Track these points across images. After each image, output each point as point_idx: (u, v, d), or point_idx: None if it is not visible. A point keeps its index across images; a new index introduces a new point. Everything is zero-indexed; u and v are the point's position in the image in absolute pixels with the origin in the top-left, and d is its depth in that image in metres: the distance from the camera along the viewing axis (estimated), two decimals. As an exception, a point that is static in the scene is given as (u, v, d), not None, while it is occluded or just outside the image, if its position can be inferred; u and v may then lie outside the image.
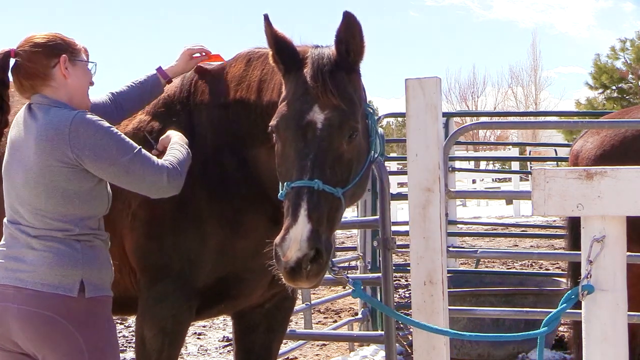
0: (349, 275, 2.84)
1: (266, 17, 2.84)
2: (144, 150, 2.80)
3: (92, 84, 2.99)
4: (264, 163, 3.04)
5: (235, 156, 3.16)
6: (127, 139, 2.80)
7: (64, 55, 2.87)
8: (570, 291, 2.28)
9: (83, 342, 2.70)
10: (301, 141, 2.68)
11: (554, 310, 2.33)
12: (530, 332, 2.46)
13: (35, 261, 2.72)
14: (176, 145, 2.96)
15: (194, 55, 3.45)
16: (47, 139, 2.72)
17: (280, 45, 2.85)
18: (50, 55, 2.86)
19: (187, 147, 2.98)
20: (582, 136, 5.02)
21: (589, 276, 2.20)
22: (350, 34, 2.76)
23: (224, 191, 3.16)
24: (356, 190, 2.83)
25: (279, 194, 2.69)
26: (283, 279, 2.58)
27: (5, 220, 2.87)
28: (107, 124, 2.78)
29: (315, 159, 2.64)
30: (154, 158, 2.81)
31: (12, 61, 2.91)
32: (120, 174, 2.75)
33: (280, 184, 2.72)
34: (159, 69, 3.41)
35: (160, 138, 3.08)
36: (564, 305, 2.28)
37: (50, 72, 2.85)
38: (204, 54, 3.46)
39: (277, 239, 2.56)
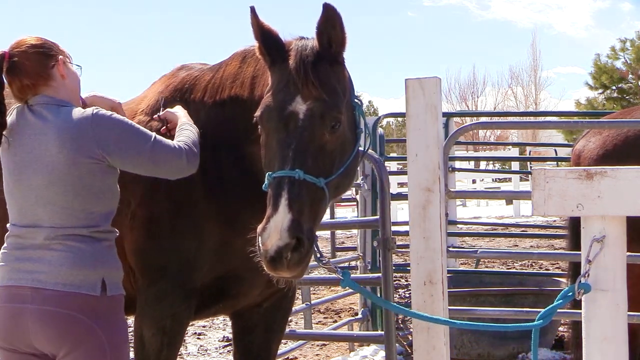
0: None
1: (252, 9, 2.84)
2: (158, 136, 2.88)
3: None
4: (261, 160, 3.04)
5: (233, 154, 3.16)
6: (142, 128, 2.89)
7: (61, 56, 2.93)
8: (567, 288, 2.28)
9: (105, 339, 2.72)
10: (283, 132, 2.69)
11: (550, 305, 2.33)
12: (526, 324, 2.44)
13: (55, 261, 2.72)
14: (186, 125, 3.05)
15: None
16: (71, 138, 2.74)
17: (266, 37, 2.86)
18: (48, 56, 2.90)
19: (194, 125, 3.06)
20: (584, 136, 5.00)
21: (586, 275, 2.20)
22: (330, 25, 2.76)
23: (222, 190, 3.15)
24: (341, 181, 2.82)
25: (263, 185, 2.68)
26: (265, 268, 2.57)
27: (10, 225, 2.86)
28: (120, 117, 2.87)
29: (296, 149, 2.64)
30: (170, 141, 2.89)
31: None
32: (146, 161, 2.83)
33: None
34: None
35: (167, 110, 3.17)
36: (560, 301, 2.29)
37: (50, 72, 2.89)
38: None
39: (259, 228, 2.57)
